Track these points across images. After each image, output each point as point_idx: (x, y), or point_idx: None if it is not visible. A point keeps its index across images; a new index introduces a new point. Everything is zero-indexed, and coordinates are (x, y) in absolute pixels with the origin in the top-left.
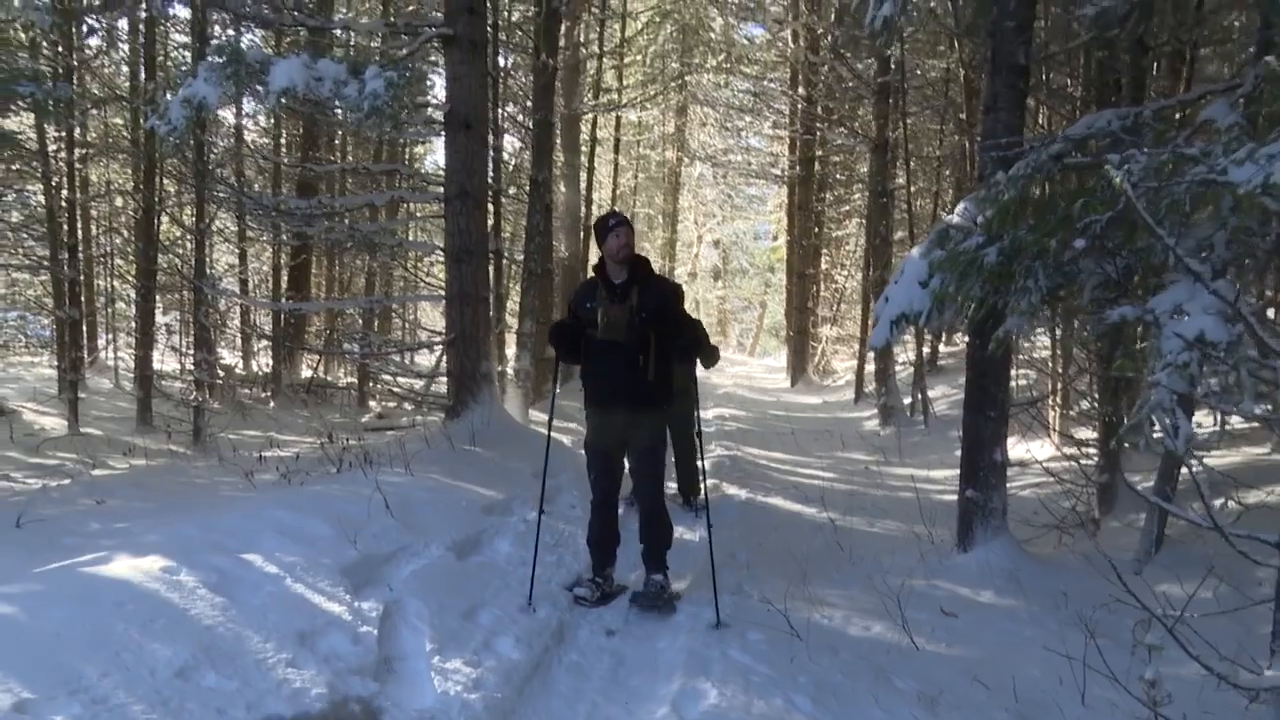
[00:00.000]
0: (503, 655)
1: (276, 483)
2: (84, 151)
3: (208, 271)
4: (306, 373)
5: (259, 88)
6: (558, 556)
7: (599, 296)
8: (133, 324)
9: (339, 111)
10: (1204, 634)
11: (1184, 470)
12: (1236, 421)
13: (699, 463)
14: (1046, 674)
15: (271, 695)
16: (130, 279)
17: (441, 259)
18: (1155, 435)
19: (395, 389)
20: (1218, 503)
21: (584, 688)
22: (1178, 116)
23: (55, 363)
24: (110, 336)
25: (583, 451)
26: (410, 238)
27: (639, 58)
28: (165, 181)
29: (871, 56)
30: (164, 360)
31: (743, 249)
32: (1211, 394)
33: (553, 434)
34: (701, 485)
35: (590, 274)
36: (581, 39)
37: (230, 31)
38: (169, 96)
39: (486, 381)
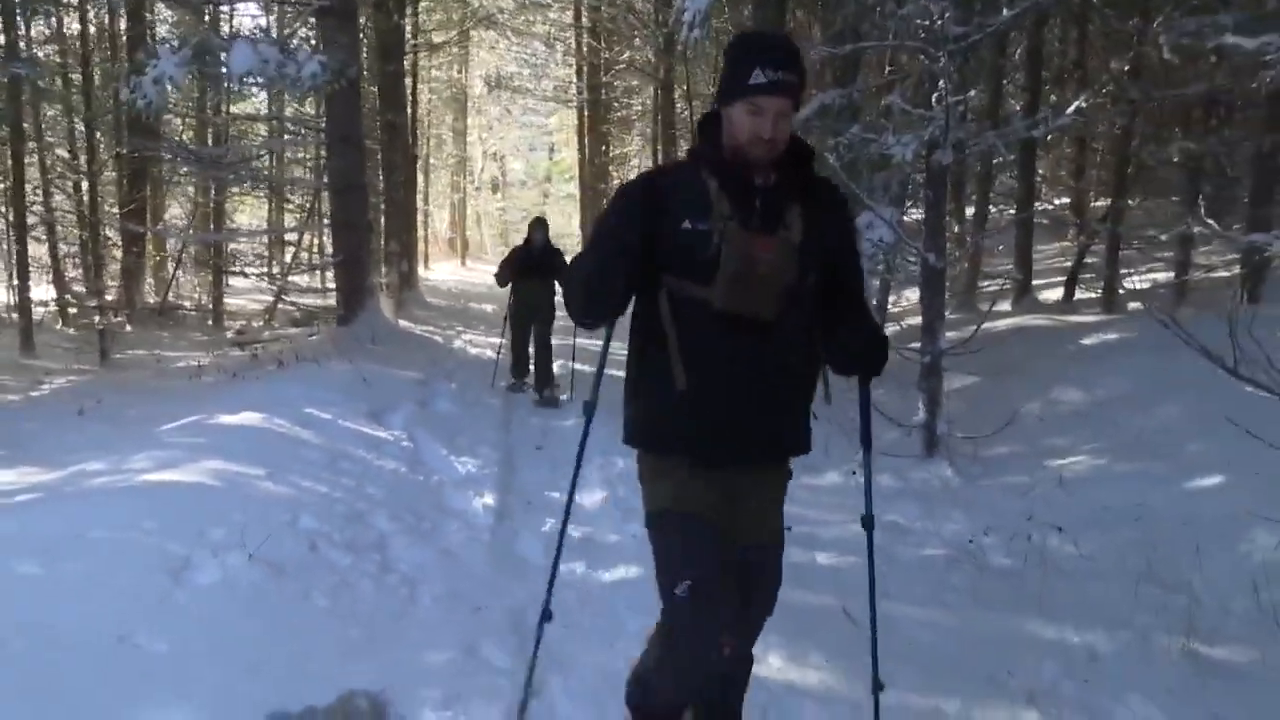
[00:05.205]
0: (486, 455)
1: (231, 381)
2: None
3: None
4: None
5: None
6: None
7: (715, 209)
8: None
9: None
10: (890, 411)
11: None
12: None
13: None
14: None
15: (379, 471)
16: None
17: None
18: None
19: (298, 306)
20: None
21: (541, 462)
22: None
23: None
24: None
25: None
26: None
27: None
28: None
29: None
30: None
31: (522, 159)
32: (894, 276)
33: (420, 331)
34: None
35: (682, 156)
36: None
37: None
38: (144, 73)
39: (370, 294)
